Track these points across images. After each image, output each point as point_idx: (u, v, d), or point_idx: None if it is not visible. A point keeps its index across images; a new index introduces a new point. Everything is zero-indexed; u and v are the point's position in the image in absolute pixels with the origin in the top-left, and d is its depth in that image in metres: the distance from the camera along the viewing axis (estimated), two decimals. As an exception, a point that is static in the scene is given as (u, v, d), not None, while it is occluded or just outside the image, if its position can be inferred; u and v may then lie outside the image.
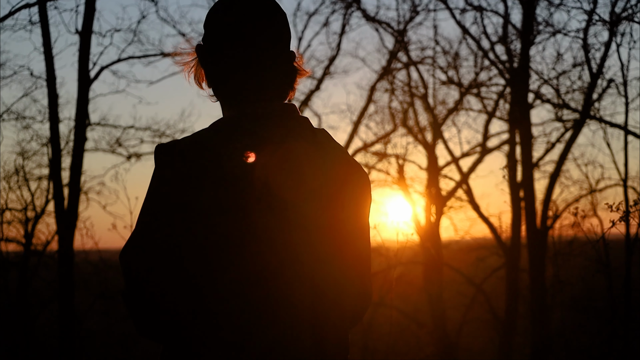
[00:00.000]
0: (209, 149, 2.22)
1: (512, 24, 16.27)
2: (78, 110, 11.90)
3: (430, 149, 19.24)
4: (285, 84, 2.47)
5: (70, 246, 11.71)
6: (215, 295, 2.20)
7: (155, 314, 2.20)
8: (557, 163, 15.57)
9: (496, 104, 18.14)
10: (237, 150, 2.23)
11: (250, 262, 2.21)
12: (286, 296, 2.24)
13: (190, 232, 2.19)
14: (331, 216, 2.36)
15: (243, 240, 2.20)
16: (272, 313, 2.22)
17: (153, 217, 2.21)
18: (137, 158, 16.83)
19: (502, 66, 16.39)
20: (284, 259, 2.25)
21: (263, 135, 2.30)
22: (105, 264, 14.98)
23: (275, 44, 2.41)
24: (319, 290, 2.31)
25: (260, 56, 2.38)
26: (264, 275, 2.22)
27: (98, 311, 14.94)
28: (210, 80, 2.47)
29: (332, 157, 2.42)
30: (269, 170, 2.24)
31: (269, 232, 2.23)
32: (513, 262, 16.65)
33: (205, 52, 2.45)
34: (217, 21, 2.41)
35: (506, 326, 16.93)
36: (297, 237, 2.28)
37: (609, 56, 13.50)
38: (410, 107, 19.41)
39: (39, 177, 15.62)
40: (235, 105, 2.39)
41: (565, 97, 15.00)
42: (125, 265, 2.22)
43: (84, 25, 11.66)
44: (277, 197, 2.24)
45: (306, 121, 2.44)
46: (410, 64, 18.94)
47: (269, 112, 2.36)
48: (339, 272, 2.38)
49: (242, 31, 2.37)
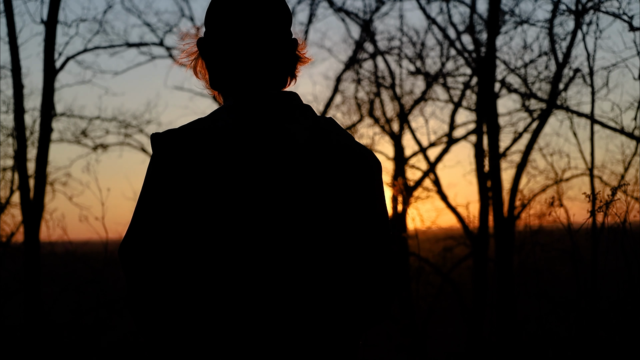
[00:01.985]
0: (206, 138, 2.21)
1: (478, 14, 16.33)
2: (44, 100, 11.82)
3: (397, 139, 19.27)
4: (286, 72, 2.47)
5: (36, 237, 11.65)
6: (211, 289, 2.18)
7: (161, 312, 2.17)
8: (524, 153, 15.65)
9: (463, 93, 18.18)
10: (233, 139, 2.22)
11: (247, 254, 2.19)
12: (283, 288, 2.23)
13: (187, 223, 2.17)
14: (332, 204, 2.33)
15: (241, 232, 2.19)
16: (267, 305, 2.20)
17: (149, 209, 2.19)
18: (104, 149, 16.74)
19: (469, 56, 16.44)
20: (282, 249, 2.23)
21: (260, 121, 2.29)
22: (73, 256, 14.88)
23: (276, 31, 2.40)
24: (317, 282, 2.29)
25: (259, 44, 2.38)
26: (262, 268, 2.20)
27: (64, 303, 14.85)
28: (212, 71, 2.46)
29: (336, 144, 2.38)
30: (264, 157, 2.23)
31: (267, 222, 2.21)
32: (481, 251, 16.72)
33: (206, 44, 2.44)
34: (218, 11, 2.40)
35: (474, 315, 17.01)
36: (297, 226, 2.26)
37: (575, 46, 13.59)
38: (376, 97, 19.43)
39: (4, 168, 15.48)
40: (235, 94, 2.38)
41: (532, 86, 15.06)
42: (127, 263, 2.19)
43: (50, 15, 11.57)
44: (274, 185, 2.23)
45: (308, 109, 2.43)
46: (376, 54, 18.95)
47: (267, 99, 2.35)
48: (342, 265, 2.34)
49: (241, 21, 2.37)
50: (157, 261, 2.15)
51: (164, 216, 2.17)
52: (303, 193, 2.27)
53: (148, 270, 2.16)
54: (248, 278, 2.19)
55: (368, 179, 2.42)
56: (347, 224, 2.35)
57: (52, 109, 12.20)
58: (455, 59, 17.91)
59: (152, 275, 2.16)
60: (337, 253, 2.33)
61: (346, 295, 2.35)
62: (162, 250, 2.16)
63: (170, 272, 2.16)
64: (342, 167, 2.36)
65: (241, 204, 2.19)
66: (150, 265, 2.16)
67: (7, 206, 15.27)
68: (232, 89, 2.40)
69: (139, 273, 2.17)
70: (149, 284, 2.16)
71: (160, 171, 2.21)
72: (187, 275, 2.17)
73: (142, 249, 2.17)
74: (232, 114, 2.29)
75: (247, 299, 2.18)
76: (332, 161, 2.35)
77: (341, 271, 2.34)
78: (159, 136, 2.26)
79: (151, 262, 2.16)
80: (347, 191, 2.36)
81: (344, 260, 2.35)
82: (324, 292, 2.30)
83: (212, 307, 2.18)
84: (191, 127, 2.25)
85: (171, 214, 2.17)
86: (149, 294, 2.16)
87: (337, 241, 2.33)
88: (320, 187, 2.32)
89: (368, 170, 2.43)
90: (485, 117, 15.92)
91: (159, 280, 2.15)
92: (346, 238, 2.35)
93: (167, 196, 2.18)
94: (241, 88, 2.38)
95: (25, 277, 11.75)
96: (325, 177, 2.33)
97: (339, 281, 2.33)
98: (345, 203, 2.35)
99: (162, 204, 2.18)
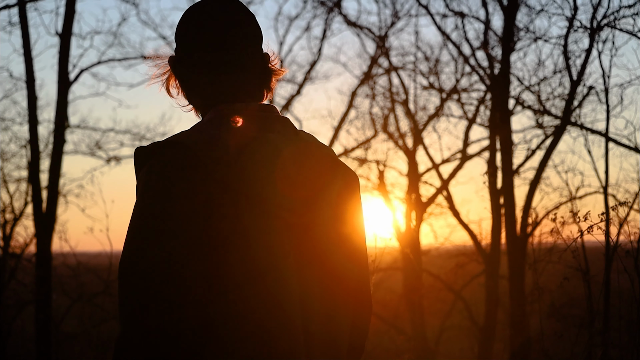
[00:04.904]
0: (192, 149, 2.18)
1: (493, 30, 16.31)
2: (57, 112, 11.86)
3: (410, 155, 19.25)
4: (262, 85, 2.46)
5: (48, 249, 11.67)
6: (210, 299, 2.14)
7: (167, 332, 2.08)
8: (537, 170, 15.58)
9: (477, 110, 18.17)
10: (219, 149, 2.19)
11: (242, 264, 2.16)
12: (279, 298, 2.20)
13: (186, 236, 2.12)
14: (316, 215, 2.32)
15: (236, 241, 2.16)
16: (267, 315, 2.18)
17: (147, 226, 2.12)
18: (117, 161, 16.77)
19: (483, 72, 16.42)
20: (273, 260, 2.20)
21: (242, 131, 2.27)
22: (83, 267, 14.90)
23: (248, 45, 2.40)
24: (307, 294, 2.28)
25: (234, 59, 2.37)
26: (256, 278, 2.17)
27: (75, 314, 14.86)
28: (185, 87, 2.45)
29: (317, 155, 2.39)
30: (251, 165, 2.21)
31: (258, 231, 2.19)
32: (493, 269, 16.65)
33: (178, 61, 2.43)
34: (189, 28, 2.40)
35: (485, 333, 16.93)
36: (285, 236, 2.24)
37: (589, 63, 13.55)
38: (391, 112, 19.43)
39: (18, 180, 15.52)
40: (213, 108, 2.35)
41: (545, 103, 15.03)
42: (130, 282, 2.10)
43: (64, 27, 11.61)
44: (261, 194, 2.20)
45: (287, 120, 2.42)
46: (391, 69, 18.96)
47: (247, 111, 2.33)
48: (327, 276, 2.34)
49: (214, 35, 2.36)
50: (161, 281, 2.08)
51: (161, 232, 2.11)
52: (288, 200, 2.26)
53: (152, 295, 2.07)
54: (242, 284, 2.15)
55: (350, 190, 2.45)
56: (332, 232, 2.36)
57: (65, 121, 12.23)
58: (470, 75, 17.92)
59: (157, 300, 2.07)
60: (324, 262, 2.33)
61: (334, 305, 2.36)
62: (163, 268, 2.08)
63: (172, 289, 2.09)
64: (325, 176, 2.37)
65: (233, 214, 2.16)
66: (154, 290, 2.07)
67: (21, 217, 15.31)
68: (209, 104, 2.38)
69: (144, 300, 2.07)
70: (155, 307, 2.07)
71: (151, 185, 2.16)
72: (187, 289, 2.13)
73: (143, 270, 2.08)
74: (214, 126, 2.27)
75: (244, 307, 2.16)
76: (318, 171, 2.36)
77: (329, 281, 2.34)
78: (143, 150, 2.22)
79: (154, 285, 2.07)
80: (331, 200, 2.37)
81: (331, 270, 2.35)
82: (312, 309, 2.29)
83: (208, 312, 2.14)
84: (176, 139, 2.21)
85: (168, 229, 2.11)
86: (158, 315, 2.07)
87: (323, 249, 2.33)
88: (313, 196, 2.32)
89: (351, 182, 2.45)
90: (498, 134, 15.88)
91: (164, 301, 2.08)
92: (331, 246, 2.35)
93: (161, 211, 2.12)
94: (219, 102, 2.36)
95: (37, 289, 11.75)
96: (315, 187, 2.33)
97: (326, 293, 2.33)
98: (330, 211, 2.36)
99: (157, 219, 2.12)
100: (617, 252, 6.38)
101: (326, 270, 2.34)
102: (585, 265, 6.66)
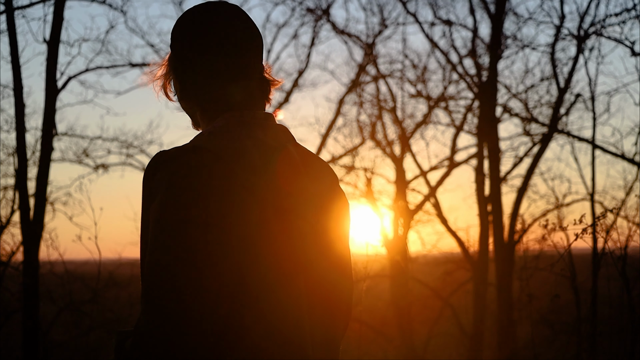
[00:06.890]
0: (219, 155, 2.17)
1: (480, 38, 16.38)
2: (45, 120, 11.81)
3: (398, 162, 19.26)
4: (263, 95, 2.46)
5: (35, 257, 11.61)
6: (242, 304, 2.14)
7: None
8: (525, 177, 15.64)
9: (464, 117, 18.19)
10: (246, 157, 2.20)
11: (271, 270, 2.18)
12: (300, 302, 2.24)
13: (216, 241, 2.10)
14: (325, 223, 2.38)
15: (265, 247, 2.17)
16: (295, 319, 2.22)
17: (177, 231, 2.08)
18: (105, 169, 16.71)
19: (471, 80, 16.46)
20: (295, 268, 2.24)
21: (261, 138, 2.29)
22: (71, 275, 14.85)
23: (258, 55, 2.40)
24: (319, 297, 2.33)
25: (246, 66, 2.37)
26: (284, 283, 2.20)
27: (63, 322, 14.81)
28: (185, 88, 2.40)
29: (319, 164, 2.46)
30: (277, 174, 2.24)
31: (285, 238, 2.22)
32: (480, 275, 16.68)
33: (180, 60, 2.39)
34: (204, 28, 2.35)
35: (473, 340, 16.95)
36: (304, 244, 2.28)
37: (576, 70, 13.62)
38: (378, 120, 19.44)
39: (5, 187, 15.45)
40: (223, 114, 2.34)
41: (533, 111, 15.09)
42: (162, 295, 2.06)
43: (52, 34, 11.57)
44: (285, 202, 2.24)
45: (285, 129, 2.44)
46: (379, 77, 18.99)
47: (256, 119, 2.35)
48: (334, 281, 2.39)
49: (234, 41, 2.34)
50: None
51: (202, 234, 2.10)
52: (306, 209, 2.31)
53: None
54: (265, 292, 2.17)
55: (344, 199, 2.51)
56: (335, 239, 2.42)
57: (53, 128, 12.18)
58: (457, 82, 17.95)
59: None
60: (332, 268, 2.39)
61: (337, 307, 2.42)
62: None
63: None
64: (329, 185, 2.45)
65: (261, 222, 2.17)
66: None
67: (8, 225, 15.26)
68: (217, 109, 2.37)
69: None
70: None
71: (195, 188, 2.13)
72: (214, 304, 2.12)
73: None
74: (236, 133, 2.27)
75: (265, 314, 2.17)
76: (323, 179, 2.43)
77: (333, 286, 2.39)
78: (184, 150, 2.19)
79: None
80: (335, 208, 2.44)
81: (336, 275, 2.41)
82: (320, 312, 2.34)
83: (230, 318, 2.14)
84: (199, 144, 2.20)
85: (209, 233, 2.10)
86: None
87: (330, 256, 2.39)
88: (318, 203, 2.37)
89: (346, 202, 2.52)
90: (486, 141, 15.92)
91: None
92: (335, 253, 2.41)
93: (204, 213, 2.11)
94: (228, 109, 2.35)
95: (24, 297, 11.70)
96: (320, 194, 2.39)
97: (332, 298, 2.39)
98: (334, 219, 2.43)
99: (200, 221, 2.10)
100: (605, 259, 6.41)
101: (334, 274, 2.40)
102: (573, 272, 6.68)
